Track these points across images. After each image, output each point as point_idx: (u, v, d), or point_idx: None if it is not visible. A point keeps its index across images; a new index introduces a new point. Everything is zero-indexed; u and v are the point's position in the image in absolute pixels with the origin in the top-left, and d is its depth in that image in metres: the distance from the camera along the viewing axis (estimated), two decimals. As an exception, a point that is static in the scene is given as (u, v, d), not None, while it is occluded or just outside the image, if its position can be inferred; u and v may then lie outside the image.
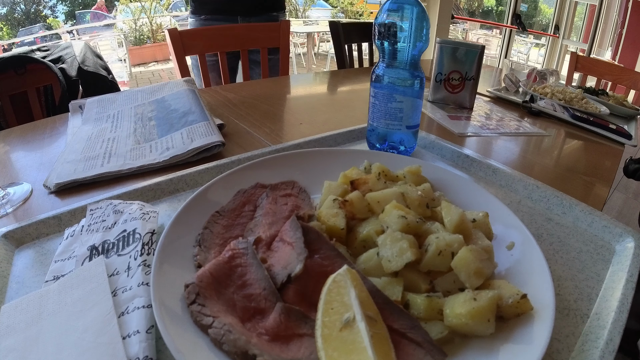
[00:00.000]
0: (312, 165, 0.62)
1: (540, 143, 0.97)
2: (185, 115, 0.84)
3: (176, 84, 1.01)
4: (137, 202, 0.52)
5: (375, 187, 0.52)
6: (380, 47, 0.67)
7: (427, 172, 0.60)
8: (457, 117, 1.03)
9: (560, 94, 1.29)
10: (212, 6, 1.72)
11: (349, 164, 0.60)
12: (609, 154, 0.99)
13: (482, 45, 1.05)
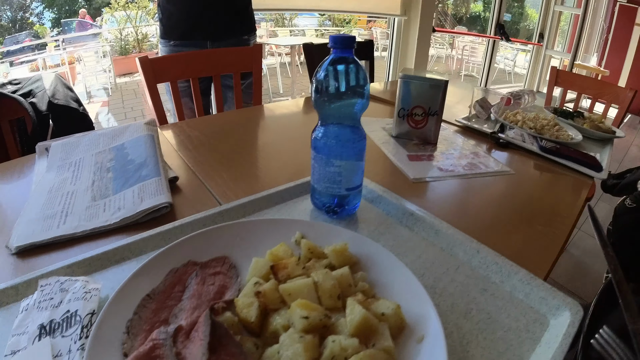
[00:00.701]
0: (245, 237, 0.60)
1: (502, 184, 0.94)
2: (139, 168, 0.83)
3: (137, 127, 0.99)
4: (81, 279, 0.52)
5: (293, 273, 0.50)
6: (317, 107, 0.64)
7: (355, 247, 0.57)
8: (418, 157, 0.99)
9: (532, 122, 1.26)
10: (181, 31, 1.69)
11: (282, 234, 0.59)
12: (576, 189, 0.96)
13: (445, 81, 1.02)
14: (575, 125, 1.41)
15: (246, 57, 1.62)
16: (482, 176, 0.94)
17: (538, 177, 1.01)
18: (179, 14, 1.67)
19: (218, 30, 1.71)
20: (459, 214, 0.79)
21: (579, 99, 2.21)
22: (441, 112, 1.05)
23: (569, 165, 1.08)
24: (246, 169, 0.92)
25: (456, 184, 0.90)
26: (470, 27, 11.75)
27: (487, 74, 4.19)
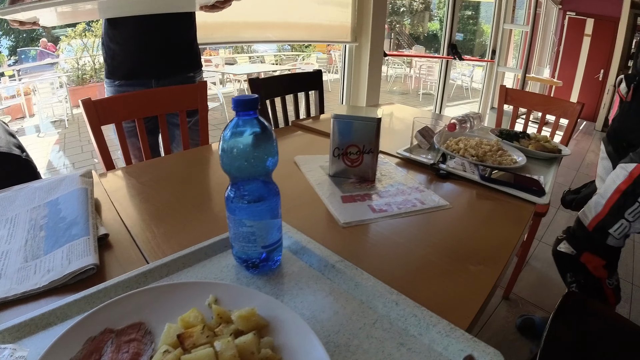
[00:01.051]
0: (161, 302, 0.58)
1: (438, 220, 0.91)
2: (70, 226, 0.80)
3: (72, 180, 0.95)
4: (9, 347, 0.51)
5: (198, 341, 0.49)
6: (224, 168, 0.61)
7: (266, 310, 0.55)
8: (352, 198, 0.95)
9: (474, 149, 1.24)
10: (125, 70, 1.64)
11: (196, 298, 0.57)
12: (517, 218, 0.94)
13: (377, 118, 0.99)
14: (520, 147, 1.41)
15: (191, 94, 1.58)
16: (416, 214, 0.91)
17: (477, 209, 0.99)
18: (123, 54, 1.62)
19: (163, 69, 1.67)
20: (388, 259, 0.75)
21: (528, 115, 2.23)
22: (376, 149, 1.02)
23: (510, 192, 1.06)
24: (178, 221, 0.87)
25: (388, 224, 0.86)
26: (427, 45, 12.03)
27: (442, 93, 4.24)
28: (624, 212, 1.24)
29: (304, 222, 0.85)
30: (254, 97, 0.59)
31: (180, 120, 1.57)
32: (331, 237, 0.81)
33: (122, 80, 1.66)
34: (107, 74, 1.67)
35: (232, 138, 0.59)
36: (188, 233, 0.83)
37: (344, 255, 0.70)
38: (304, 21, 2.72)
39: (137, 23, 1.53)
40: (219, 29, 2.32)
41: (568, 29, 7.97)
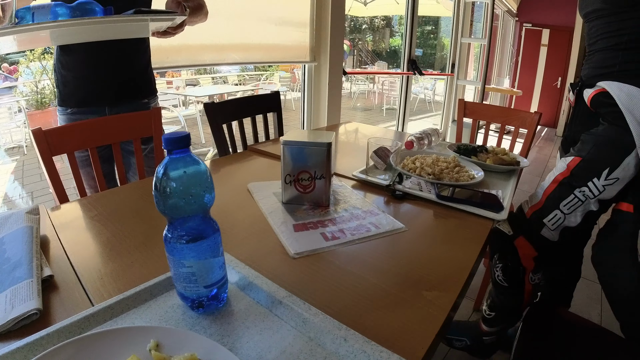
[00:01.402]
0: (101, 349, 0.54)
1: (392, 245, 0.88)
2: (14, 268, 0.74)
3: (18, 217, 0.89)
4: None
5: None
6: (159, 208, 0.58)
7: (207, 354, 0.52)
8: (304, 226, 0.92)
9: (430, 167, 1.23)
10: (77, 98, 1.58)
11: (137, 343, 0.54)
12: (474, 236, 0.92)
13: (328, 143, 0.96)
14: (478, 162, 1.40)
15: (145, 121, 1.54)
16: (370, 239, 0.88)
17: (434, 229, 0.96)
18: (75, 80, 1.56)
19: (116, 96, 1.61)
20: (340, 290, 0.71)
21: (488, 128, 2.25)
22: (328, 174, 0.99)
23: (467, 210, 1.04)
24: (126, 258, 0.81)
25: (341, 253, 0.83)
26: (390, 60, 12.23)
27: (404, 108, 4.28)
28: (559, 203, 1.27)
29: (255, 255, 0.81)
30: (184, 134, 0.56)
31: (135, 148, 1.52)
32: (282, 270, 0.77)
33: (75, 107, 1.59)
34: (60, 102, 1.61)
35: (164, 177, 0.56)
36: (136, 271, 0.78)
37: (294, 289, 0.67)
38: (263, 42, 2.70)
39: (89, 49, 1.48)
40: (176, 52, 2.28)
41: (525, 39, 8.25)
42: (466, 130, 2.57)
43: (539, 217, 1.30)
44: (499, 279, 1.45)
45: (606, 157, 1.19)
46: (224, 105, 1.85)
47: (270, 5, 2.64)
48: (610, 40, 1.23)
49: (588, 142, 1.26)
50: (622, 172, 1.17)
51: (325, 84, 2.94)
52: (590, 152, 1.24)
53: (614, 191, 1.20)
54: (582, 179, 1.23)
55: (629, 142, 1.14)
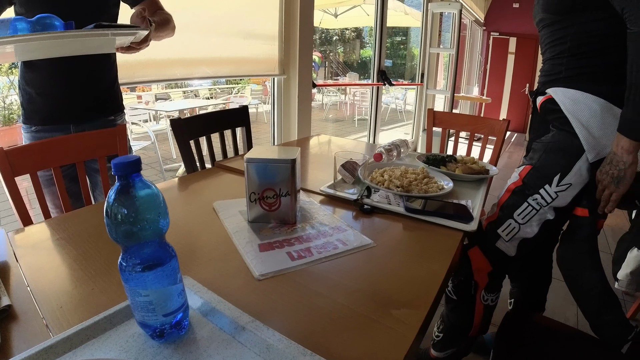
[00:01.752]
0: None
1: (361, 261, 0.85)
2: None
3: None
4: None
5: None
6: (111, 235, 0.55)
7: None
8: (270, 246, 0.89)
9: (399, 179, 1.22)
10: (42, 115, 1.52)
11: None
12: (444, 248, 0.91)
13: (292, 159, 0.94)
14: (447, 172, 1.40)
15: (110, 139, 1.49)
16: (337, 257, 0.85)
17: (403, 243, 0.94)
18: (39, 98, 1.50)
19: (82, 113, 1.56)
20: (306, 312, 0.69)
21: (457, 136, 2.27)
22: (294, 191, 0.96)
23: (436, 222, 1.03)
24: (87, 285, 0.77)
25: (307, 273, 0.80)
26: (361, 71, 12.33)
27: (375, 119, 4.30)
28: (512, 213, 1.25)
29: (219, 278, 0.78)
30: (134, 158, 0.54)
31: (100, 167, 1.47)
32: (246, 293, 0.74)
33: (39, 125, 1.54)
34: (24, 119, 1.55)
35: (115, 203, 0.53)
36: (97, 298, 0.74)
37: (258, 313, 0.65)
38: (231, 56, 2.68)
39: (53, 66, 1.43)
40: (144, 67, 2.23)
41: (493, 48, 8.45)
42: (436, 139, 2.58)
43: (494, 227, 1.28)
44: (448, 291, 1.41)
45: (556, 163, 1.19)
46: (191, 121, 1.81)
47: (238, 18, 2.62)
48: (555, 49, 1.23)
49: (538, 149, 1.26)
50: (574, 177, 1.16)
51: (295, 97, 2.93)
52: (540, 159, 1.23)
53: (568, 197, 1.18)
54: (534, 187, 1.22)
55: (578, 147, 1.14)
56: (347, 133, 8.28)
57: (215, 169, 1.51)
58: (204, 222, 1.03)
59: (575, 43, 1.17)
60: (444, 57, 6.76)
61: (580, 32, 1.15)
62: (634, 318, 2.20)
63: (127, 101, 6.65)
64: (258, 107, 8.80)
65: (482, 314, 1.37)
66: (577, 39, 1.16)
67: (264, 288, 0.75)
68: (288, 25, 2.86)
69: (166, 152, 5.84)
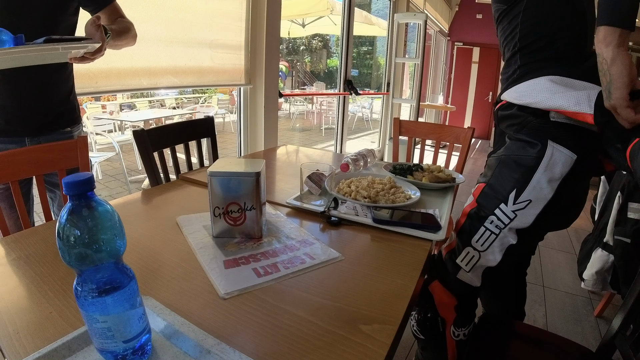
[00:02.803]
0: None
1: (329, 275, 0.84)
2: None
3: None
4: None
5: None
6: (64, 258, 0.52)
7: None
8: (235, 262, 0.86)
9: (366, 190, 1.21)
10: None
11: None
12: (413, 258, 0.90)
13: (256, 172, 0.91)
14: (414, 181, 1.40)
15: (70, 151, 1.43)
16: (304, 272, 0.83)
17: (371, 256, 0.93)
18: None
19: (37, 125, 1.50)
20: (273, 331, 0.66)
21: (423, 145, 2.29)
22: (259, 205, 0.94)
23: (404, 232, 1.02)
24: (44, 309, 0.72)
25: (274, 290, 0.78)
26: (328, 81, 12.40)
27: (341, 128, 4.31)
28: (470, 240, 1.12)
29: (182, 297, 0.75)
30: (86, 177, 0.51)
31: (60, 181, 1.42)
32: (211, 313, 0.71)
33: None
34: None
35: (67, 224, 0.50)
36: (55, 322, 0.69)
37: (224, 333, 0.63)
38: (195, 65, 2.64)
39: (6, 78, 1.37)
40: (105, 76, 2.18)
41: (457, 58, 8.66)
42: (403, 147, 2.60)
43: (453, 257, 1.16)
44: (414, 330, 1.30)
45: (510, 177, 1.06)
46: (154, 132, 1.77)
47: (204, 28, 2.59)
48: (508, 47, 1.14)
49: (492, 165, 1.15)
50: (532, 192, 1.03)
51: (262, 107, 2.90)
52: (494, 176, 1.11)
53: (530, 216, 1.04)
54: (489, 207, 1.09)
55: (535, 156, 1.02)
56: (315, 142, 8.29)
57: (179, 182, 1.47)
58: (166, 238, 0.99)
59: (523, 33, 1.08)
60: (410, 67, 6.87)
61: (526, 19, 1.07)
62: (601, 316, 2.25)
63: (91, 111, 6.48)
64: (225, 117, 8.72)
65: (456, 350, 1.24)
66: (524, 28, 1.08)
67: (229, 307, 0.73)
68: (254, 35, 2.85)
69: (131, 163, 5.70)
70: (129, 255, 0.88)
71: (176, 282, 0.80)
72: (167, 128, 1.88)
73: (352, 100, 9.15)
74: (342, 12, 4.08)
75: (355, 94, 4.20)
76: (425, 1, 5.99)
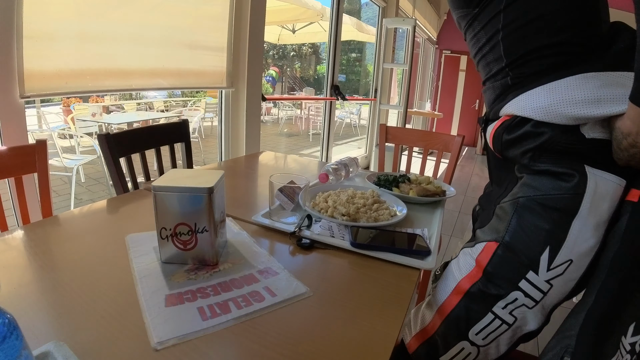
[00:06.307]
0: None
1: (294, 316, 0.68)
2: None
3: None
4: None
5: None
6: None
7: None
8: (179, 298, 0.70)
9: (344, 206, 1.06)
10: None
11: None
12: (397, 296, 0.75)
13: (208, 188, 0.75)
14: (400, 194, 1.26)
15: (27, 156, 1.30)
16: (262, 313, 0.67)
17: (347, 289, 0.77)
18: None
19: None
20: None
21: (410, 153, 2.16)
22: (213, 226, 0.78)
23: (387, 259, 0.87)
24: None
25: (220, 339, 0.62)
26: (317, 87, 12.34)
27: (328, 134, 4.19)
28: (467, 331, 0.82)
29: (106, 344, 0.59)
30: None
31: (17, 188, 1.29)
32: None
33: None
34: None
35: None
36: None
37: None
38: (174, 67, 2.50)
39: None
40: (76, 77, 2.03)
41: (445, 65, 8.66)
42: (389, 154, 2.47)
43: (431, 354, 0.87)
44: None
45: (538, 229, 0.75)
46: (121, 136, 1.61)
47: (182, 27, 2.46)
48: (488, 55, 0.89)
49: (504, 214, 0.82)
50: (574, 247, 0.72)
51: (244, 111, 2.77)
52: (511, 230, 0.79)
53: (570, 283, 0.74)
54: (509, 280, 0.78)
55: (572, 193, 0.72)
56: (302, 147, 8.19)
57: (142, 192, 1.31)
58: (111, 263, 0.82)
59: (507, 43, 0.83)
60: (398, 75, 6.80)
61: (511, 20, 0.81)
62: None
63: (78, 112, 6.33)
64: (213, 121, 8.54)
65: None
66: (509, 34, 0.82)
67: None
68: (237, 36, 2.74)
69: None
70: (62, 285, 0.72)
71: (106, 322, 0.64)
72: (136, 132, 1.73)
73: (339, 107, 9.05)
74: (330, 16, 3.96)
75: (342, 100, 4.07)
76: (414, 8, 5.93)
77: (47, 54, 1.79)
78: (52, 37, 1.80)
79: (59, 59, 1.85)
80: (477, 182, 5.28)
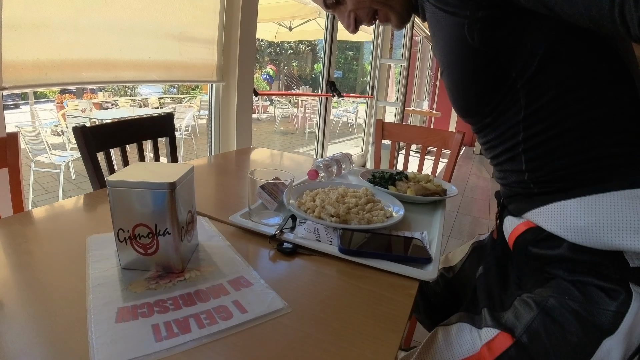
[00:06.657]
0: None
1: (267, 338, 0.56)
2: None
3: None
4: None
5: None
6: None
7: None
8: (132, 312, 0.57)
9: (333, 206, 0.95)
10: None
11: None
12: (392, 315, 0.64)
13: (170, 183, 0.65)
14: (397, 193, 1.15)
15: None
16: (227, 334, 0.56)
17: (334, 305, 0.66)
18: None
19: None
20: None
21: (408, 150, 2.06)
22: (176, 228, 0.67)
23: (381, 268, 0.77)
24: None
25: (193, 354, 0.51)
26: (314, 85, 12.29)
27: (323, 131, 4.09)
28: None
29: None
30: None
31: None
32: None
33: None
34: None
35: None
36: None
37: None
38: (162, 59, 2.40)
39: None
40: (56, 68, 1.93)
41: (444, 64, 8.60)
42: (386, 152, 2.38)
43: None
44: None
45: (564, 340, 0.65)
46: (100, 129, 1.50)
47: (171, 19, 2.36)
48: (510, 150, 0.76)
49: (523, 311, 0.70)
50: None
51: (234, 105, 2.67)
52: (530, 331, 0.68)
53: None
54: None
55: (614, 311, 0.62)
56: (297, 145, 8.13)
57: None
58: (67, 269, 0.71)
59: (533, 142, 0.71)
60: (395, 73, 6.72)
61: (533, 126, 0.69)
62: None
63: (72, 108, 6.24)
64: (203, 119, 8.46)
65: None
66: (532, 135, 0.71)
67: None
68: (229, 28, 2.65)
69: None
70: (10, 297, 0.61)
71: (47, 341, 0.53)
72: (116, 125, 1.62)
73: (336, 105, 8.96)
74: (327, 12, 3.87)
75: (338, 96, 3.97)
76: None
77: (26, 45, 1.69)
78: (31, 27, 1.70)
79: (39, 49, 1.75)
80: (474, 182, 5.22)
